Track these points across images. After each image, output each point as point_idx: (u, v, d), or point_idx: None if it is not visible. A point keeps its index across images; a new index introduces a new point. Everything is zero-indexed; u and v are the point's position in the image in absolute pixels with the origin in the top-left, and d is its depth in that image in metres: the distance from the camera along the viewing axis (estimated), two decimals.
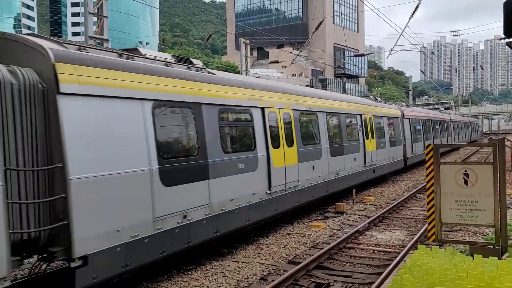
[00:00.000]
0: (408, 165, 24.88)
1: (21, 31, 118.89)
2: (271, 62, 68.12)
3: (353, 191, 16.18)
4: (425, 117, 30.20)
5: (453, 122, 43.42)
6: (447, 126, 39.33)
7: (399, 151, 22.86)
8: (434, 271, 6.07)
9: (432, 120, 32.43)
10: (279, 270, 8.59)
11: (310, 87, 36.93)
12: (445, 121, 38.75)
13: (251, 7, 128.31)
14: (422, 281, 5.71)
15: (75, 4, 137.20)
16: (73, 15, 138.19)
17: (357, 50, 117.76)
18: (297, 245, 10.44)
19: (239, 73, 24.24)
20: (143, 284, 7.92)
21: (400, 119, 23.69)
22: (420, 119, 28.59)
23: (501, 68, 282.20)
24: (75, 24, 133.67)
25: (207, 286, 7.85)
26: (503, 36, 7.56)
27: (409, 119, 25.50)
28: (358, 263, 9.11)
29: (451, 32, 59.58)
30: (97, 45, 14.07)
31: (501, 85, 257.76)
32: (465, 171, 7.67)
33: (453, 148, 42.29)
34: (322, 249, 9.66)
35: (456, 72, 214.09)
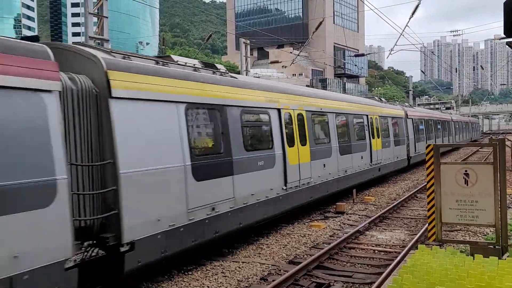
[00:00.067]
0: (411, 164, 25.15)
1: (21, 31, 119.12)
2: (271, 62, 68.25)
3: (354, 191, 16.19)
4: (427, 117, 30.45)
5: (454, 122, 43.49)
6: (448, 126, 39.46)
7: (403, 150, 23.28)
8: (434, 271, 6.07)
9: (434, 120, 32.73)
10: (280, 270, 8.59)
11: (310, 87, 36.98)
12: (446, 121, 38.93)
13: (251, 7, 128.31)
14: (422, 281, 5.71)
15: (75, 5, 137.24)
16: (73, 15, 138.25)
17: (357, 50, 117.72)
18: (297, 245, 10.44)
19: (239, 73, 24.23)
20: (143, 284, 7.92)
21: (403, 119, 24.08)
22: (423, 119, 28.90)
23: (501, 67, 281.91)
24: (75, 25, 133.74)
25: (208, 286, 7.85)
26: (503, 35, 7.56)
27: (412, 119, 25.79)
28: (358, 263, 9.11)
29: (451, 32, 59.56)
30: (137, 53, 14.40)
31: (501, 84, 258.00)
32: (466, 171, 7.68)
33: (453, 148, 42.30)
34: (322, 249, 9.67)
35: (456, 72, 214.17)
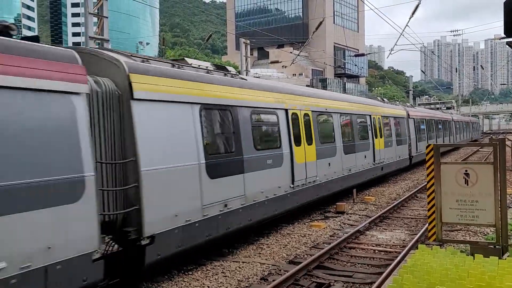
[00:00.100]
0: (413, 163, 25.33)
1: (21, 31, 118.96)
2: (271, 62, 68.30)
3: (354, 191, 16.19)
4: (428, 117, 30.64)
5: (455, 122, 43.58)
6: (449, 125, 39.60)
7: (405, 149, 23.52)
8: (434, 271, 6.07)
9: (435, 120, 32.92)
10: (280, 270, 8.59)
11: (310, 87, 37.03)
12: (447, 121, 39.08)
13: (251, 7, 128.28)
14: (423, 281, 5.71)
15: (75, 5, 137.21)
16: (73, 15, 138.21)
17: (357, 50, 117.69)
18: (297, 245, 10.44)
19: (239, 73, 24.21)
20: (143, 284, 7.92)
21: (405, 119, 24.32)
22: (424, 119, 29.10)
23: (501, 67, 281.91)
24: (75, 25, 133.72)
25: (208, 286, 7.85)
26: (503, 35, 7.55)
27: (413, 119, 26.02)
28: (358, 263, 9.11)
29: (451, 31, 59.31)
30: (154, 56, 14.54)
31: (501, 84, 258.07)
32: (466, 170, 7.67)
33: (453, 148, 42.32)
34: (322, 249, 9.66)
35: (456, 72, 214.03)
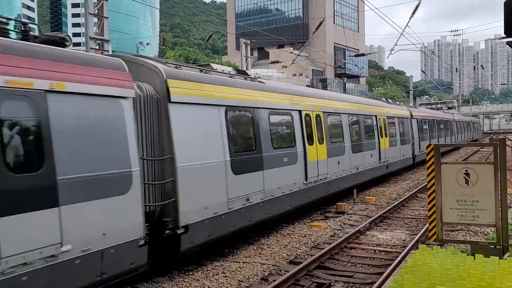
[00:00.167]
0: (416, 162, 25.80)
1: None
2: (272, 62, 68.25)
3: (354, 191, 16.19)
4: (430, 117, 31.13)
5: (456, 122, 43.82)
6: (450, 125, 39.99)
7: (408, 149, 24.15)
8: (435, 271, 6.07)
9: (437, 120, 33.44)
10: (280, 270, 8.59)
11: (310, 87, 37.10)
12: (449, 120, 39.52)
13: (251, 7, 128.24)
14: (423, 281, 5.71)
15: (75, 5, 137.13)
16: (73, 16, 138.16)
17: (358, 50, 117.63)
18: (298, 245, 10.44)
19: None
20: (143, 284, 7.92)
21: (409, 119, 24.96)
22: (427, 119, 29.64)
23: (501, 67, 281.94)
24: (75, 25, 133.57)
25: (208, 287, 7.85)
26: (503, 35, 7.55)
27: (416, 119, 26.62)
28: (359, 263, 9.10)
29: (451, 31, 59.14)
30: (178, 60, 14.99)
31: (501, 84, 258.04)
32: (466, 170, 7.67)
33: (454, 148, 42.35)
34: (323, 249, 9.66)
35: (456, 72, 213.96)
